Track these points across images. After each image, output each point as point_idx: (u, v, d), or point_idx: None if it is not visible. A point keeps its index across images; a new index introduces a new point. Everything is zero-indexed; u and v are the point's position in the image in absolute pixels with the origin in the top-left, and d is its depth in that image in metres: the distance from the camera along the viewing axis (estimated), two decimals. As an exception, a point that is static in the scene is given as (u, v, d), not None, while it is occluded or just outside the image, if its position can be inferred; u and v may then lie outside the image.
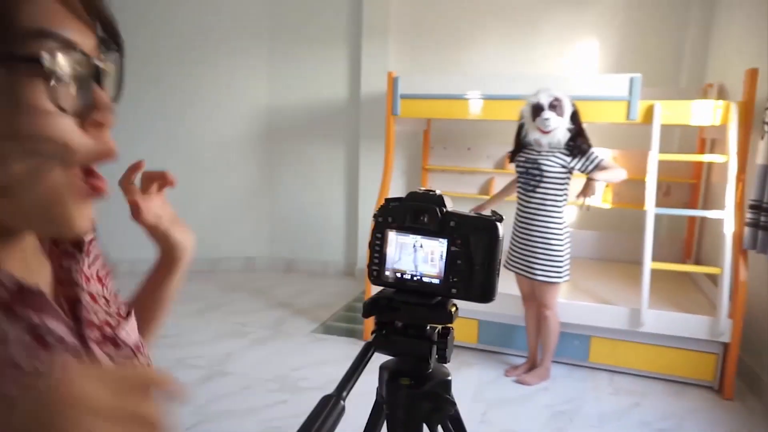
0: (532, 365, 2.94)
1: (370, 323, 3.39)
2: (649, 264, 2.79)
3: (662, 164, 3.62)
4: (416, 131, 4.44)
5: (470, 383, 2.85)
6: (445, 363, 0.58)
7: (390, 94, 3.30)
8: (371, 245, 0.58)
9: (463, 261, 0.54)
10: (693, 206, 3.79)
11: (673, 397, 2.77)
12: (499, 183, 4.24)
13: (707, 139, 3.64)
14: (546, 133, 2.55)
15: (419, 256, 0.55)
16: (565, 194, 2.62)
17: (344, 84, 4.65)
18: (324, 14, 4.61)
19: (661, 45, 3.96)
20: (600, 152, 2.60)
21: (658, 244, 3.86)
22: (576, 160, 2.56)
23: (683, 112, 2.84)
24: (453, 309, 0.57)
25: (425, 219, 0.55)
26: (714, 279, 3.02)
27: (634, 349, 2.93)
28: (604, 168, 2.57)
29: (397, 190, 4.65)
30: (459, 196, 4.35)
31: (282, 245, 5.04)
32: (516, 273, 2.79)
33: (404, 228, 0.56)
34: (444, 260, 0.54)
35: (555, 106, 2.50)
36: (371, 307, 0.57)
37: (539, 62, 4.17)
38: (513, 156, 2.80)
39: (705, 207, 3.67)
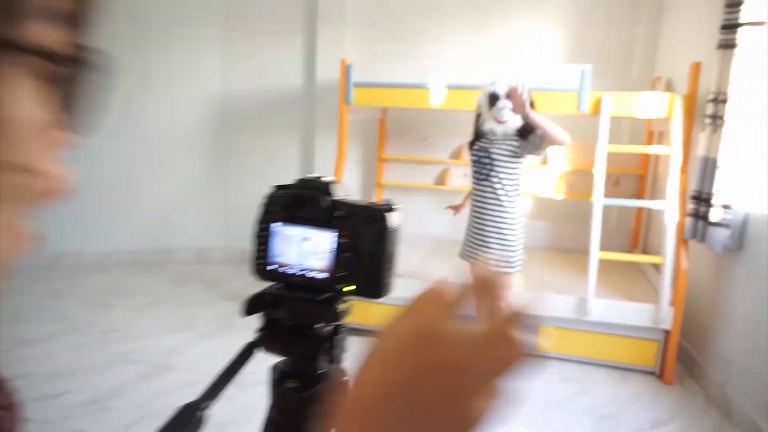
0: (482, 355, 2.95)
1: None
2: (596, 254, 2.84)
3: (612, 156, 3.69)
4: (372, 120, 4.39)
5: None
6: (337, 364, 0.54)
7: (343, 83, 3.24)
8: (255, 236, 0.53)
9: (351, 254, 0.50)
10: (641, 197, 3.88)
11: (618, 383, 2.83)
12: (455, 173, 4.24)
13: (655, 132, 3.72)
14: (501, 122, 2.54)
15: (306, 249, 0.51)
16: (517, 184, 2.63)
17: (299, 72, 4.55)
18: (279, 0, 4.49)
19: (614, 38, 4.02)
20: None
21: (607, 235, 3.94)
22: (525, 142, 2.55)
23: (631, 104, 2.89)
24: (343, 306, 0.53)
25: (312, 208, 0.50)
26: (659, 268, 3.10)
27: (582, 338, 2.98)
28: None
29: (352, 179, 4.59)
30: (415, 186, 4.33)
31: (237, 236, 4.90)
32: (470, 262, 2.79)
33: (290, 218, 0.51)
34: (331, 253, 0.50)
35: (509, 95, 2.49)
36: (254, 304, 0.52)
37: (496, 53, 4.18)
38: (471, 145, 2.79)
39: (652, 198, 3.76)
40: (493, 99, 2.52)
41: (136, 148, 4.79)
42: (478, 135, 2.70)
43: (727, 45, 2.47)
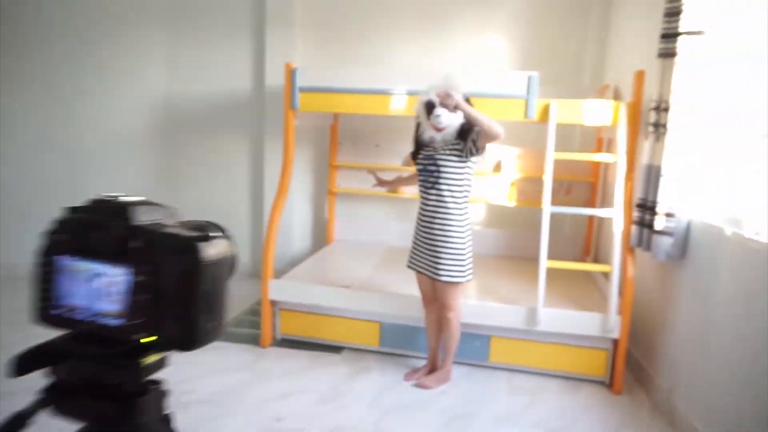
0: (432, 368, 2.87)
1: (268, 328, 3.21)
2: (545, 263, 2.79)
3: (563, 163, 3.67)
4: (323, 126, 4.28)
5: (368, 390, 2.74)
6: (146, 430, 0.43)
7: (288, 87, 3.12)
8: (36, 272, 0.42)
9: (151, 295, 0.39)
10: (592, 205, 3.89)
11: (567, 394, 2.79)
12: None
13: (604, 139, 3.73)
14: (440, 130, 2.48)
15: (97, 289, 0.40)
16: (465, 190, 2.56)
17: (248, 75, 4.41)
18: (227, 0, 4.34)
19: (565, 45, 4.03)
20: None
21: (560, 242, 3.94)
22: (465, 143, 2.49)
23: (577, 112, 2.87)
24: (152, 359, 0.42)
25: (102, 237, 0.40)
26: (608, 276, 3.09)
27: (532, 348, 2.94)
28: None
29: (303, 188, 4.47)
30: (368, 194, 4.24)
31: (184, 246, 4.71)
32: (417, 272, 2.71)
33: (78, 250, 0.40)
34: (127, 294, 0.39)
35: (444, 103, 2.44)
36: (27, 360, 0.41)
37: (449, 58, 4.14)
38: (415, 155, 2.72)
39: (602, 205, 3.77)
40: (430, 107, 2.46)
41: (73, 155, 4.56)
42: (420, 145, 2.65)
43: (667, 54, 2.47)
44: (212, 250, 0.40)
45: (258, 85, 4.38)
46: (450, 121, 2.45)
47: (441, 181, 2.53)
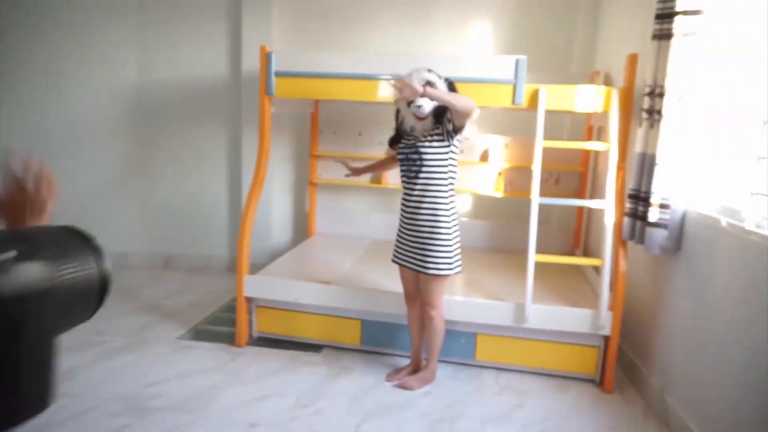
0: (415, 368, 2.74)
1: (244, 326, 3.06)
2: (533, 257, 2.66)
3: (552, 152, 3.55)
4: (303, 114, 4.11)
5: (348, 391, 2.60)
6: None
7: (264, 72, 2.94)
8: None
9: None
10: (581, 195, 3.77)
11: (557, 393, 2.67)
12: (392, 171, 4.00)
13: (595, 127, 3.61)
14: (422, 118, 2.34)
15: None
16: (451, 177, 2.42)
17: (224, 61, 4.21)
18: (201, -19, 4.13)
19: (553, 30, 3.88)
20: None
21: (549, 235, 3.82)
22: (442, 126, 2.35)
23: (567, 98, 2.73)
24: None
25: None
26: (599, 270, 2.97)
27: (520, 345, 2.81)
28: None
29: (282, 178, 4.30)
30: (350, 185, 4.08)
31: (159, 239, 4.53)
32: (402, 266, 2.56)
33: None
34: None
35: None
36: None
37: (434, 43, 3.97)
38: (392, 143, 2.58)
39: (592, 196, 3.65)
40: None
41: (44, 143, 4.33)
42: (400, 134, 2.51)
43: (663, 35, 2.33)
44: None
45: (235, 71, 4.19)
46: (430, 108, 2.31)
47: (424, 169, 2.38)
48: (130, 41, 4.25)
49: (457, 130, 2.35)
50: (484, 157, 3.85)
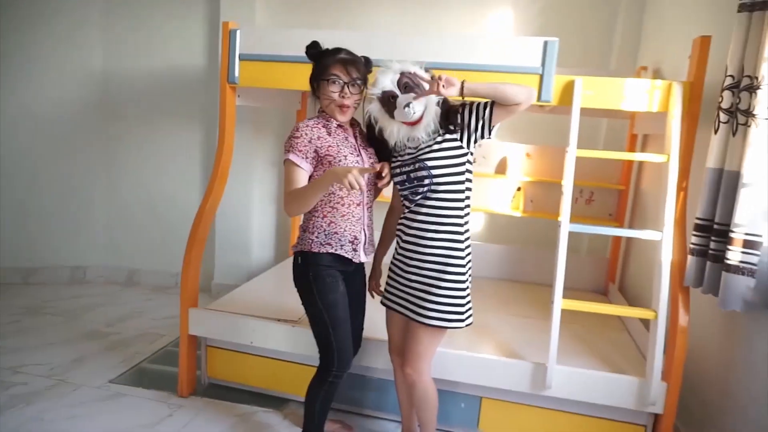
0: (403, 440, 2.08)
1: (188, 372, 2.42)
2: (559, 303, 1.99)
3: (584, 165, 2.89)
4: (288, 110, 3.51)
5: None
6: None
7: (225, 54, 2.34)
8: None
9: None
10: (620, 217, 3.09)
11: (587, 488, 1.99)
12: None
13: (639, 135, 2.93)
14: (416, 123, 1.69)
15: None
16: (467, 198, 1.77)
17: (201, 49, 3.64)
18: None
19: (589, 15, 3.22)
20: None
21: (578, 265, 3.13)
22: (462, 119, 1.71)
23: (612, 93, 2.07)
24: None
25: None
26: (647, 322, 2.28)
27: (538, 417, 2.14)
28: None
29: (264, 185, 3.70)
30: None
31: (122, 252, 3.96)
32: (393, 311, 1.90)
33: None
34: None
35: (408, 85, 1.66)
36: None
37: (446, 27, 3.35)
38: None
39: (633, 221, 2.97)
40: (389, 101, 1.68)
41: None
42: (389, 152, 1.86)
43: (756, 6, 1.67)
44: None
45: (212, 61, 3.62)
46: (422, 106, 1.66)
47: (435, 187, 1.72)
48: (94, 25, 3.70)
49: (487, 124, 1.71)
50: (501, 168, 3.20)
